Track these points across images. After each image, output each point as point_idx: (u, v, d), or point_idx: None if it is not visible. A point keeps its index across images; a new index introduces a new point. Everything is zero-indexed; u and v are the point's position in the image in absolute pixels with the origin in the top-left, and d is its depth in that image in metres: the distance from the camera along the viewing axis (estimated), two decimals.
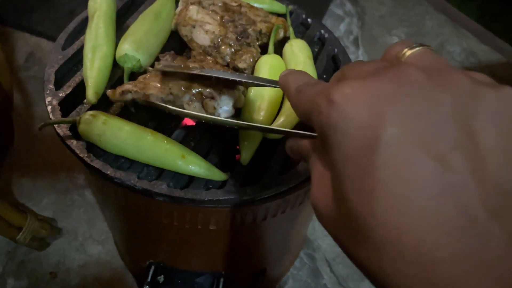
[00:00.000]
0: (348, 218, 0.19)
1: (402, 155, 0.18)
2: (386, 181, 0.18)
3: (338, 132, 0.19)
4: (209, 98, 0.44)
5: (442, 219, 0.17)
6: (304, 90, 0.24)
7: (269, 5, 0.63)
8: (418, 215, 0.17)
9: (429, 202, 0.17)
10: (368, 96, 0.19)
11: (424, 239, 0.17)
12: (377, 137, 0.18)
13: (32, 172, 0.92)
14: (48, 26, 1.18)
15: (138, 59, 0.52)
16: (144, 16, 0.56)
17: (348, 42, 1.27)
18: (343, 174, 0.19)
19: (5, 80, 0.59)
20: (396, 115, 0.18)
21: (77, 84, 0.52)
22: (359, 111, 0.19)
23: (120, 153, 0.45)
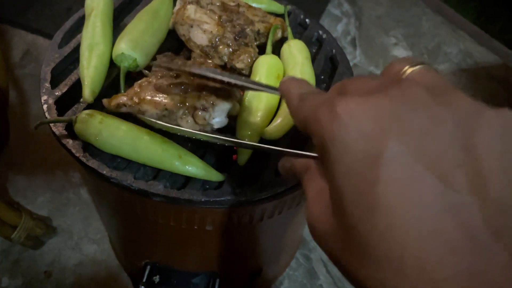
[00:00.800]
0: (348, 234, 0.19)
1: (406, 171, 0.18)
2: (389, 197, 0.18)
3: (340, 145, 0.19)
4: (201, 110, 0.44)
5: (445, 238, 0.17)
6: (306, 98, 0.24)
7: (267, 5, 0.63)
8: (421, 233, 0.17)
9: (432, 221, 0.17)
10: (372, 112, 0.19)
11: (427, 257, 0.17)
12: (381, 152, 0.18)
13: (27, 170, 0.91)
14: (44, 24, 1.18)
15: (135, 58, 0.51)
16: (142, 15, 0.55)
17: (346, 42, 1.27)
18: (344, 188, 0.19)
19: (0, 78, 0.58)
20: (400, 132, 0.18)
21: (74, 82, 0.51)
22: (363, 126, 0.19)
23: (116, 153, 0.45)
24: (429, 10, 1.40)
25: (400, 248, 0.17)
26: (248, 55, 0.55)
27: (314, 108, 0.21)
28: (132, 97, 0.47)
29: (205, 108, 0.46)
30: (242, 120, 0.50)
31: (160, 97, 0.46)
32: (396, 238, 0.17)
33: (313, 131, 0.21)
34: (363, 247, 0.18)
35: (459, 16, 1.43)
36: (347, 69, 0.59)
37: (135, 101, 0.46)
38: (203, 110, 0.46)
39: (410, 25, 1.35)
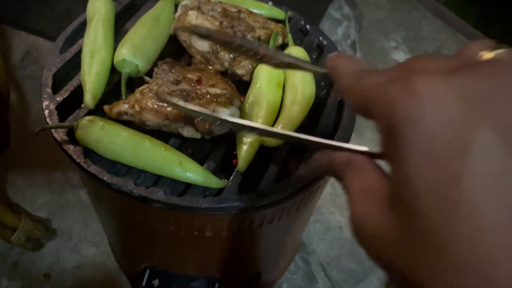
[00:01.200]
0: (413, 236, 0.16)
1: (500, 165, 0.15)
2: (478, 195, 0.15)
3: (420, 128, 0.16)
4: None
5: None
6: (364, 76, 0.21)
7: (268, 11, 0.63)
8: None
9: None
10: (460, 92, 0.16)
11: None
12: (471, 140, 0.15)
13: (27, 171, 0.92)
14: (45, 25, 1.18)
15: (136, 64, 0.51)
16: (143, 20, 0.56)
17: (346, 45, 1.27)
18: (418, 180, 0.16)
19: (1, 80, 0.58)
20: (494, 118, 0.16)
21: (75, 88, 0.51)
22: (451, 107, 0.16)
23: (117, 159, 0.45)
24: (429, 14, 1.40)
25: (491, 257, 0.15)
26: (249, 61, 0.55)
27: (380, 86, 0.19)
28: (133, 105, 0.47)
29: None
30: None
31: (162, 106, 0.46)
32: (486, 245, 0.15)
33: (379, 111, 0.18)
34: (438, 252, 0.16)
35: (459, 20, 1.43)
36: None
37: (136, 109, 0.46)
38: None
39: (410, 28, 1.35)
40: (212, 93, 0.49)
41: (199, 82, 0.50)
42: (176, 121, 0.47)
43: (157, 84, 0.49)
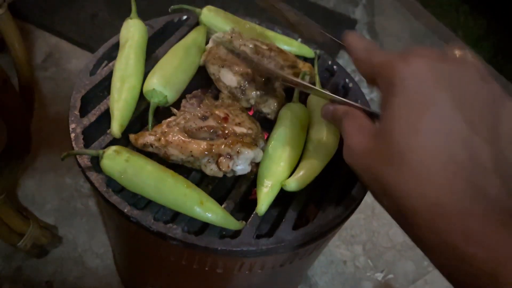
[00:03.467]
0: (387, 149, 0.26)
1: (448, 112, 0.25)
2: (429, 127, 0.25)
3: (405, 83, 0.26)
4: (225, 157, 0.45)
5: (456, 159, 0.24)
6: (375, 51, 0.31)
7: (298, 49, 0.64)
8: (440, 152, 0.25)
9: (452, 146, 0.24)
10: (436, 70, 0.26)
11: (437, 165, 0.24)
12: (434, 95, 0.25)
13: (38, 175, 0.92)
14: (69, 28, 1.19)
15: (165, 95, 0.52)
16: (175, 50, 0.56)
17: None
18: (399, 113, 0.26)
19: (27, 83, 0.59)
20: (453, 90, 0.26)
21: (102, 112, 0.52)
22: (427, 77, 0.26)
23: (139, 192, 0.46)
24: None
25: (423, 159, 0.25)
26: (275, 100, 0.56)
27: (389, 58, 0.28)
28: (159, 138, 0.47)
29: (230, 156, 0.46)
30: (264, 168, 0.50)
31: (187, 142, 0.46)
32: (423, 154, 0.25)
33: (384, 73, 0.28)
34: (399, 156, 0.25)
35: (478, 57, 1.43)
36: None
37: (162, 143, 0.47)
38: (228, 157, 0.46)
39: None
40: (238, 132, 0.49)
41: (226, 120, 0.50)
42: (200, 158, 0.47)
43: (184, 119, 0.49)
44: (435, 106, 0.25)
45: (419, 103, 0.25)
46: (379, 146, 0.27)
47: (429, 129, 0.25)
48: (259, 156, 0.49)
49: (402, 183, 0.25)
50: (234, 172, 0.48)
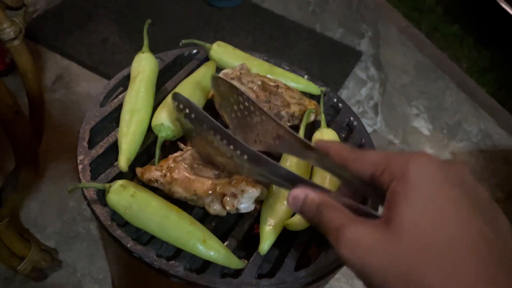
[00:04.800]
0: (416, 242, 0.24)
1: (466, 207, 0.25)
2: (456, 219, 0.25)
3: (420, 178, 0.26)
4: (229, 196, 0.45)
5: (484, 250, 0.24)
6: (368, 150, 0.34)
7: (304, 86, 0.65)
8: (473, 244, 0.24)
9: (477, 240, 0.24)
10: (445, 168, 0.26)
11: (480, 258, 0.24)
12: (449, 191, 0.25)
13: (41, 198, 0.92)
14: (80, 51, 1.21)
15: (173, 129, 0.53)
16: (185, 84, 0.57)
17: (368, 107, 1.29)
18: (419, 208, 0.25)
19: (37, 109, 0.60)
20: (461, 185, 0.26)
21: (110, 144, 0.53)
22: (439, 172, 0.26)
23: (143, 227, 0.46)
24: (454, 85, 1.42)
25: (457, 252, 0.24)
26: None
27: (390, 155, 0.28)
28: (165, 174, 0.48)
29: (235, 195, 0.47)
30: (267, 206, 0.50)
31: (192, 180, 0.47)
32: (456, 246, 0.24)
33: (393, 167, 0.27)
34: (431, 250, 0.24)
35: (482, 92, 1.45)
36: None
37: (167, 179, 0.47)
38: (232, 196, 0.47)
39: (433, 97, 1.36)
40: None
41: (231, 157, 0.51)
42: (204, 197, 0.47)
43: (191, 155, 0.50)
44: (454, 201, 0.25)
45: (439, 197, 0.25)
46: (400, 241, 0.25)
47: (456, 223, 0.24)
48: (263, 194, 0.49)
49: (441, 280, 0.23)
50: (238, 210, 0.48)
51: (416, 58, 1.48)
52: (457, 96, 1.39)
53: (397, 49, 1.49)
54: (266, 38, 1.33)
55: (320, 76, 1.28)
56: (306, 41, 1.37)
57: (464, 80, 1.47)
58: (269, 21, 1.38)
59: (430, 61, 1.49)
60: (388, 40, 1.51)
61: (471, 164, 1.20)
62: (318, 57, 1.33)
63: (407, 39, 1.54)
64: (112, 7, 1.30)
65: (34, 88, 0.58)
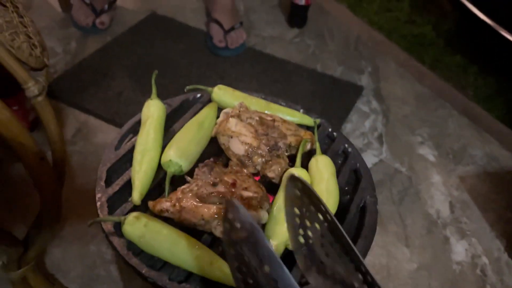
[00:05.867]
0: None
1: None
2: None
3: None
4: None
5: None
6: None
7: (299, 118, 0.70)
8: None
9: None
10: None
11: None
12: None
13: (64, 243, 0.97)
14: (97, 105, 1.30)
15: (180, 165, 0.58)
16: (189, 125, 0.63)
17: (373, 138, 1.33)
18: None
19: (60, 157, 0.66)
20: None
21: (125, 182, 0.58)
22: None
23: (156, 254, 0.50)
24: (456, 112, 1.46)
25: None
26: (279, 165, 0.61)
27: None
28: (174, 203, 0.53)
29: None
30: (270, 229, 0.54)
31: (199, 207, 0.51)
32: None
33: None
34: None
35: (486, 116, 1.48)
36: (370, 183, 0.64)
37: (177, 208, 0.52)
38: None
39: (436, 125, 1.40)
40: (244, 196, 0.54)
41: (234, 185, 0.56)
42: (210, 221, 0.52)
43: (197, 185, 0.55)
44: None
45: None
46: None
47: None
48: (264, 217, 0.53)
49: None
50: None
51: (416, 89, 1.53)
52: (460, 122, 1.42)
53: (397, 82, 1.55)
54: (269, 81, 1.41)
55: (323, 112, 1.33)
56: (307, 80, 1.44)
57: (467, 106, 1.50)
58: (272, 65, 1.47)
59: (430, 91, 1.54)
60: (387, 74, 1.57)
61: (479, 187, 1.21)
62: (320, 94, 1.40)
63: (406, 72, 1.60)
64: (126, 63, 1.40)
65: (56, 137, 0.65)
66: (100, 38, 1.48)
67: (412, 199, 1.17)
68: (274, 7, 1.77)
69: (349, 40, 1.70)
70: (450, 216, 1.14)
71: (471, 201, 1.19)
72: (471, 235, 1.10)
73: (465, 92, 1.60)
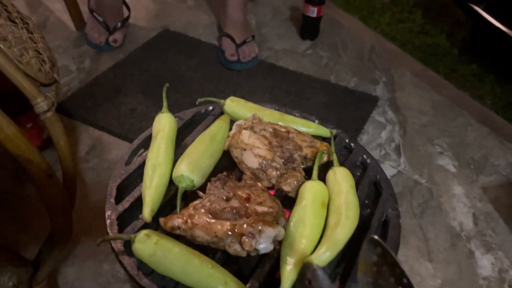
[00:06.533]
0: None
1: None
2: None
3: None
4: (248, 236, 0.47)
5: None
6: None
7: (315, 129, 0.68)
8: None
9: None
10: None
11: None
12: None
13: (78, 262, 0.96)
14: (110, 122, 1.30)
15: (192, 180, 0.56)
16: (201, 138, 0.61)
17: (390, 149, 1.29)
18: None
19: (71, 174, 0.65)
20: None
21: (135, 199, 0.56)
22: None
23: (167, 274, 0.48)
24: (474, 121, 1.42)
25: None
26: (295, 178, 0.59)
27: None
28: (186, 220, 0.50)
29: (252, 235, 0.49)
30: (286, 246, 0.52)
31: (212, 223, 0.49)
32: None
33: None
34: None
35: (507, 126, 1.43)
36: (391, 195, 0.60)
37: (189, 225, 0.50)
38: (250, 236, 0.48)
39: (455, 135, 1.36)
40: (259, 211, 0.52)
41: (248, 200, 0.53)
42: (224, 238, 0.49)
43: (209, 201, 0.53)
44: None
45: None
46: None
47: None
48: (281, 234, 0.51)
49: None
50: (257, 251, 0.50)
51: (433, 98, 1.49)
52: (480, 131, 1.38)
53: (412, 92, 1.52)
54: (282, 94, 1.39)
55: (339, 123, 1.31)
56: (321, 92, 1.42)
57: (486, 115, 1.46)
58: (285, 77, 1.45)
59: (447, 100, 1.50)
60: (402, 84, 1.54)
61: (504, 198, 1.16)
62: (335, 106, 1.37)
63: (422, 82, 1.56)
64: (139, 80, 1.40)
65: (66, 154, 0.64)
66: (113, 55, 1.48)
67: (433, 211, 1.12)
68: (285, 20, 1.76)
69: (362, 51, 1.68)
70: (474, 229, 1.09)
71: (495, 212, 1.14)
72: (497, 248, 1.05)
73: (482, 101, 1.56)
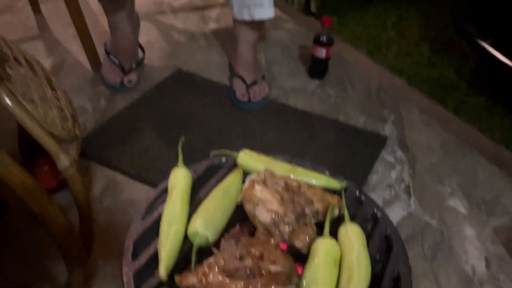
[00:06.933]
0: None
1: None
2: None
3: None
4: None
5: None
6: None
7: (326, 182, 0.70)
8: None
9: None
10: None
11: None
12: None
13: None
14: (124, 162, 1.32)
15: (207, 236, 0.58)
16: (215, 193, 0.64)
17: (400, 190, 1.30)
18: None
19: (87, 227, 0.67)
20: None
21: (151, 255, 0.58)
22: None
23: None
24: (484, 160, 1.42)
25: None
26: (307, 235, 0.60)
27: None
28: (201, 279, 0.52)
29: None
30: None
31: (225, 284, 0.50)
32: None
33: None
34: None
35: None
36: (402, 251, 0.61)
37: (204, 284, 0.51)
38: None
39: (465, 174, 1.36)
40: (272, 271, 0.53)
41: (261, 258, 0.55)
42: None
43: (223, 259, 0.54)
44: None
45: None
46: None
47: None
48: None
49: None
50: None
51: (441, 136, 1.51)
52: (490, 170, 1.38)
53: (421, 129, 1.53)
54: (293, 132, 1.42)
55: (347, 162, 1.32)
56: (330, 131, 1.44)
57: (495, 153, 1.47)
58: (294, 117, 1.48)
59: (456, 138, 1.51)
60: (411, 121, 1.56)
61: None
62: (344, 145, 1.39)
63: (430, 118, 1.58)
64: (152, 119, 1.44)
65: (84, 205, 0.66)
66: (127, 95, 1.53)
67: (445, 254, 1.12)
68: (294, 59, 1.81)
69: (370, 88, 1.71)
70: (486, 273, 1.08)
71: (508, 255, 1.13)
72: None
73: (491, 134, 1.57)
